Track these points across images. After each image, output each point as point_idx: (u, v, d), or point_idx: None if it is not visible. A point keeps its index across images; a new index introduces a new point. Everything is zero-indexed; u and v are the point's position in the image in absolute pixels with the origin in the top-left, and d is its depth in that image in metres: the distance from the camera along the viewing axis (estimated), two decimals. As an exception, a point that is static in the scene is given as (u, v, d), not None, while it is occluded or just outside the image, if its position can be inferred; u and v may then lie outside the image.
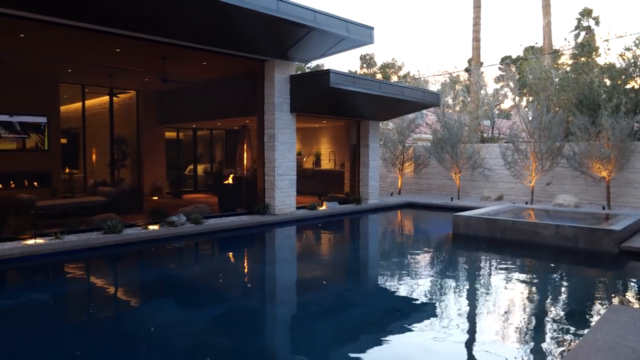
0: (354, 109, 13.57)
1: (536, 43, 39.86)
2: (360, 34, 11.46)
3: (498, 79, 42.08)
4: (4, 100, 12.88)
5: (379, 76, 50.57)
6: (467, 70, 26.87)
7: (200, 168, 19.34)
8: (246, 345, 4.50)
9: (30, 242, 8.14)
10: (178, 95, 15.46)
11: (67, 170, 16.98)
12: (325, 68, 30.67)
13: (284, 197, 11.97)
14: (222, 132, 19.79)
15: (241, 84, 13.11)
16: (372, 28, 11.80)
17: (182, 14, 9.05)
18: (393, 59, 53.48)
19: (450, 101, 25.93)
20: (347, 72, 11.66)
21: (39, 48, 10.64)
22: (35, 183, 13.73)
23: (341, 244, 10.52)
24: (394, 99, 13.06)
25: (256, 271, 7.93)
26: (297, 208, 12.51)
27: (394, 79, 49.56)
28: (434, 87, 30.50)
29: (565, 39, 32.94)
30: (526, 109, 19.90)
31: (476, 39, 23.41)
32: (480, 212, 10.54)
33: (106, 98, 16.22)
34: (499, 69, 45.39)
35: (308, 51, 11.72)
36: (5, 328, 5.02)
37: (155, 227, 9.72)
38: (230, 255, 9.09)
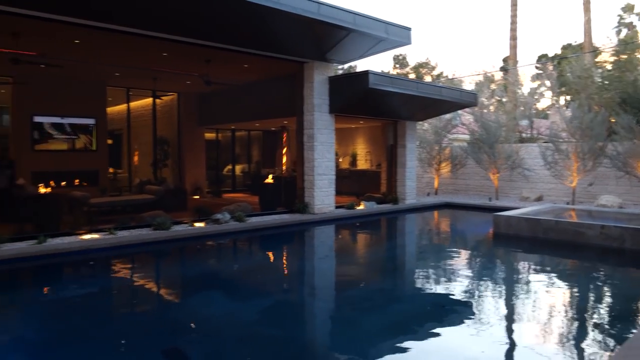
0: (391, 110, 13.66)
1: (575, 41, 38.92)
2: (398, 35, 11.56)
3: (534, 78, 41.19)
4: (56, 103, 13.59)
5: (412, 76, 50.27)
6: (504, 69, 26.48)
7: (238, 168, 19.76)
8: (292, 336, 4.72)
9: (87, 237, 8.58)
10: (218, 97, 15.88)
11: (111, 169, 17.70)
12: (358, 69, 30.82)
13: (323, 196, 12.18)
14: (259, 133, 20.18)
15: (280, 85, 13.39)
16: (409, 29, 11.88)
17: (226, 19, 9.36)
18: (427, 58, 52.95)
19: (485, 101, 25.66)
20: (382, 72, 11.75)
21: (89, 52, 11.12)
22: (84, 182, 14.41)
23: (383, 243, 10.68)
24: (431, 99, 13.09)
25: (301, 267, 8.15)
26: (336, 207, 12.69)
27: (428, 78, 49.18)
28: (469, 87, 30.21)
29: (607, 37, 31.94)
30: (564, 108, 19.56)
31: (513, 38, 23.12)
32: (521, 212, 10.49)
33: (148, 100, 16.85)
34: (536, 67, 44.47)
35: (346, 53, 11.90)
36: (79, 314, 5.38)
37: (201, 224, 10.07)
38: (275, 252, 9.37)
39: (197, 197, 16.03)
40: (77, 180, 14.20)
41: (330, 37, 10.79)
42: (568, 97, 28.34)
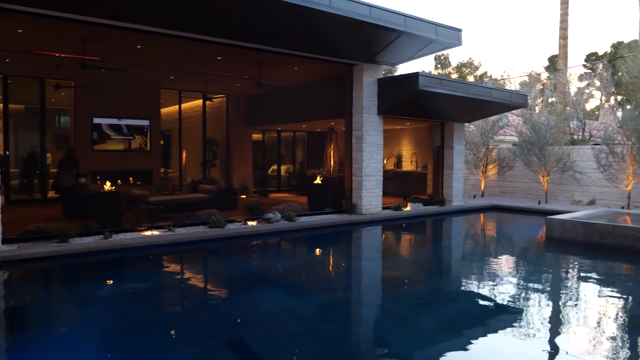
0: (440, 111, 13.62)
1: (628, 38, 37.48)
2: (448, 37, 11.52)
3: (583, 78, 39.85)
4: (114, 105, 14.23)
5: (454, 76, 49.66)
6: (554, 69, 25.81)
7: (283, 168, 20.08)
8: (348, 331, 4.86)
9: (147, 233, 9.00)
10: (266, 99, 16.20)
11: (162, 169, 18.33)
12: (399, 72, 30.66)
13: (370, 197, 12.28)
14: (304, 134, 20.45)
15: (328, 87, 13.58)
16: (459, 30, 11.83)
17: (279, 24, 9.59)
18: (469, 58, 52.12)
19: (531, 102, 25.06)
20: (431, 74, 11.76)
21: (147, 57, 11.61)
22: (138, 181, 15.03)
23: (434, 245, 10.69)
24: (480, 101, 12.98)
25: (353, 267, 8.28)
26: (383, 208, 12.76)
27: (470, 79, 48.44)
28: (513, 87, 29.58)
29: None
30: (614, 109, 18.94)
31: (563, 37, 22.54)
32: (576, 215, 10.29)
33: (197, 102, 17.38)
34: (584, 66, 43.05)
35: (396, 55, 11.96)
36: (149, 306, 5.70)
37: (253, 223, 10.36)
38: (327, 251, 9.55)
39: (244, 196, 16.42)
40: (131, 179, 14.85)
41: (381, 39, 10.88)
42: (619, 97, 27.34)
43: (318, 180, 13.58)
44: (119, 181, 14.60)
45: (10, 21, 8.40)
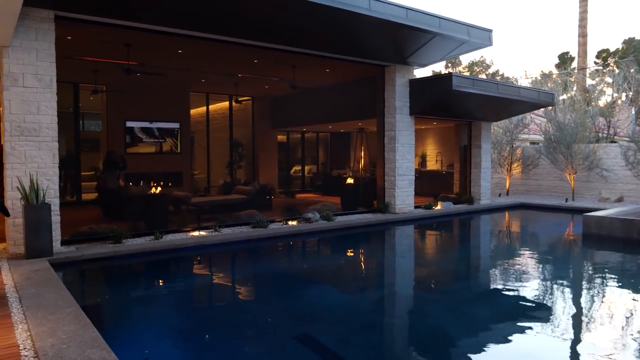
0: (469, 111, 13.78)
1: (642, 35, 37.35)
2: (479, 37, 11.69)
3: (594, 75, 39.85)
4: (145, 108, 14.48)
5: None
6: (566, 66, 25.89)
7: (306, 169, 20.29)
8: (405, 323, 5.05)
9: (194, 233, 9.23)
10: (292, 100, 16.42)
11: (195, 172, 18.57)
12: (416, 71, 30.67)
13: (403, 196, 12.47)
14: (327, 135, 20.65)
15: (361, 88, 13.76)
16: (490, 31, 11.99)
17: (314, 26, 9.77)
18: (481, 56, 52.10)
19: (564, 101, 25.12)
20: (461, 73, 11.88)
21: (181, 60, 11.81)
22: (169, 183, 15.27)
23: (471, 242, 10.89)
24: (509, 100, 13.13)
25: (398, 264, 8.47)
26: (414, 207, 12.93)
27: (482, 77, 48.40)
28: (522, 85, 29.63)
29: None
30: (632, 106, 18.99)
31: (582, 35, 22.59)
32: (613, 212, 10.42)
33: (223, 104, 17.63)
34: (595, 63, 42.93)
35: (428, 56, 12.13)
36: (212, 302, 5.92)
37: (294, 222, 10.57)
38: (370, 249, 9.79)
39: (270, 197, 16.63)
40: (162, 181, 15.10)
41: (415, 41, 11.05)
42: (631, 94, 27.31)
43: (350, 180, 13.77)
44: (152, 183, 14.92)
45: (61, 28, 8.65)
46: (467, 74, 51.52)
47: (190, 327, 5.03)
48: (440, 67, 52.61)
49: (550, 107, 16.40)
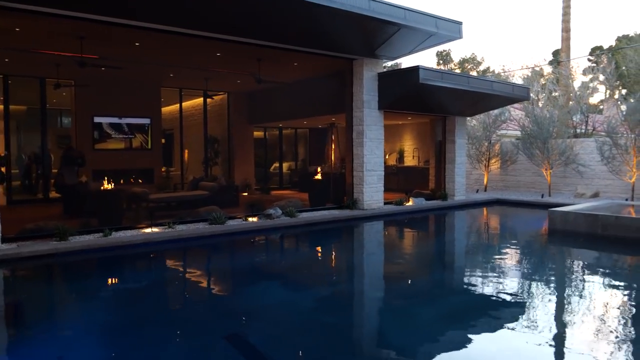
0: (441, 105, 13.54)
1: (635, 32, 37.19)
2: (448, 30, 11.43)
3: (586, 71, 39.64)
4: (114, 104, 14.22)
5: (456, 72, 49.37)
6: (557, 62, 25.63)
7: (285, 165, 20.04)
8: (347, 323, 4.81)
9: (148, 230, 8.98)
10: (267, 96, 16.17)
11: (163, 168, 18.31)
12: (402, 66, 30.45)
13: (372, 192, 12.22)
14: (305, 131, 20.39)
15: (330, 83, 13.53)
16: (460, 23, 11.73)
17: (277, 18, 9.54)
18: (472, 53, 51.89)
19: (533, 96, 24.86)
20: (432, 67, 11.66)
21: (145, 55, 11.57)
22: (139, 179, 15.02)
23: (434, 239, 10.58)
24: (482, 94, 12.89)
25: (352, 261, 8.22)
26: (384, 203, 12.70)
27: (473, 74, 48.18)
28: (518, 81, 29.43)
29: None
30: (618, 101, 18.77)
31: (566, 30, 22.35)
32: (579, 207, 10.19)
33: (199, 100, 17.37)
34: (589, 60, 42.72)
35: (396, 48, 11.88)
36: (144, 302, 5.67)
37: (254, 219, 10.32)
38: (327, 246, 9.50)
39: (246, 194, 16.40)
40: (132, 178, 14.85)
41: (381, 33, 10.81)
42: (624, 91, 27.06)
43: (318, 176, 13.53)
44: (120, 180, 14.66)
45: (6, 19, 8.39)
46: (459, 70, 51.31)
47: (110, 327, 4.78)
48: (432, 64, 52.43)
49: (528, 102, 16.16)
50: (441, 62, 53.11)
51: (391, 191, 15.36)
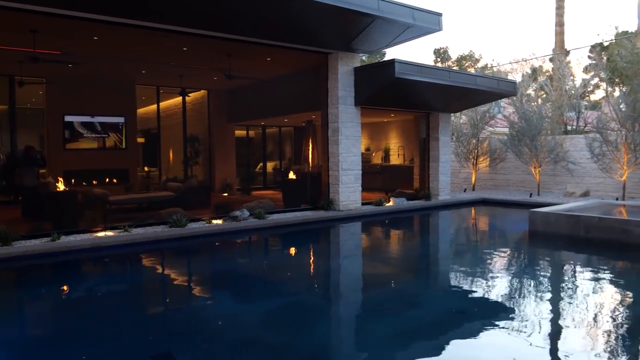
0: (423, 101, 12.98)
1: (635, 30, 36.48)
2: (427, 21, 10.88)
3: (587, 69, 38.94)
4: (86, 102, 13.72)
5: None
6: (551, 57, 24.97)
7: (270, 165, 19.52)
8: (293, 341, 4.27)
9: (101, 234, 8.46)
10: (246, 93, 15.66)
11: (146, 168, 17.83)
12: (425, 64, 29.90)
13: (348, 192, 11.68)
14: (290, 130, 19.86)
15: (306, 78, 12.99)
16: (439, 14, 11.17)
17: (246, 10, 9.02)
18: (470, 50, 51.23)
19: (532, 93, 24.28)
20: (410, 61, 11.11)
21: (110, 50, 11.11)
22: (114, 180, 14.53)
23: (407, 242, 9.98)
24: (465, 89, 12.32)
25: (316, 266, 7.68)
26: (363, 204, 12.16)
27: (472, 71, 47.44)
28: (517, 78, 28.86)
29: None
30: (608, 96, 18.15)
31: (560, 24, 21.72)
32: (562, 208, 9.63)
33: (180, 98, 16.87)
34: (589, 57, 42.03)
35: (372, 41, 11.32)
36: (74, 312, 5.16)
37: (219, 221, 9.80)
38: (291, 250, 8.95)
39: (226, 194, 15.90)
40: (107, 179, 14.36)
41: (354, 25, 10.26)
42: (624, 88, 26.40)
43: (292, 176, 12.99)
44: (94, 181, 14.17)
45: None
46: (456, 68, 50.59)
47: (33, 339, 4.28)
48: (429, 61, 51.73)
49: (516, 98, 15.58)
50: (439, 59, 52.49)
51: (376, 190, 14.86)
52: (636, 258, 7.54)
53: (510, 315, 4.83)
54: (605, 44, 31.53)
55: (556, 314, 4.89)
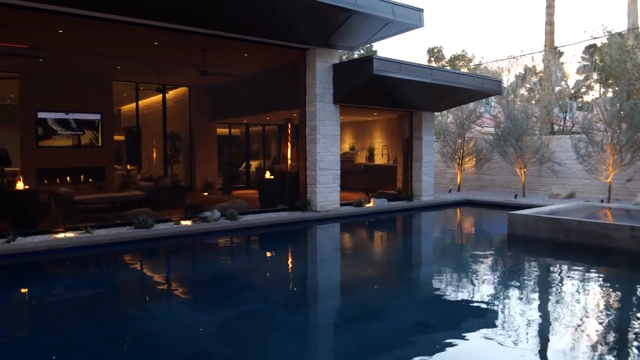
0: (404, 99, 12.65)
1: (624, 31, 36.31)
2: (407, 17, 10.54)
3: (579, 70, 38.70)
4: (61, 99, 13.32)
5: (447, 69, 48.31)
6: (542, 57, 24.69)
7: (253, 164, 19.16)
8: (242, 355, 3.94)
9: (61, 235, 8.09)
10: (227, 90, 15.30)
11: (128, 166, 17.42)
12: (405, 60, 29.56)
13: (326, 192, 11.34)
14: (275, 128, 19.50)
15: (284, 75, 12.64)
16: (421, 10, 10.84)
17: (221, 3, 8.67)
18: (463, 50, 50.98)
19: (525, 93, 23.99)
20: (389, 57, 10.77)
21: (86, 46, 10.76)
22: (90, 178, 14.12)
23: (378, 246, 9.59)
24: (449, 87, 12.00)
25: (279, 271, 7.33)
26: (342, 205, 11.84)
27: (464, 71, 47.14)
28: (508, 77, 28.62)
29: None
30: (603, 98, 17.91)
31: (550, 23, 21.43)
32: (542, 210, 9.31)
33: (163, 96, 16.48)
34: (582, 58, 41.82)
35: (351, 37, 10.98)
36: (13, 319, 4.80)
37: (189, 222, 9.44)
38: (256, 254, 8.61)
39: (206, 193, 15.55)
40: (82, 177, 13.96)
41: (331, 19, 9.93)
42: (617, 88, 26.18)
43: (269, 175, 12.64)
44: (67, 179, 13.76)
45: None
46: (449, 67, 50.30)
47: None
48: (423, 60, 51.38)
49: (502, 97, 15.27)
50: (433, 58, 52.20)
51: (360, 191, 14.56)
52: (615, 263, 7.24)
53: (476, 326, 4.50)
54: (598, 44, 31.28)
55: (524, 324, 4.57)
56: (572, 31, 60.86)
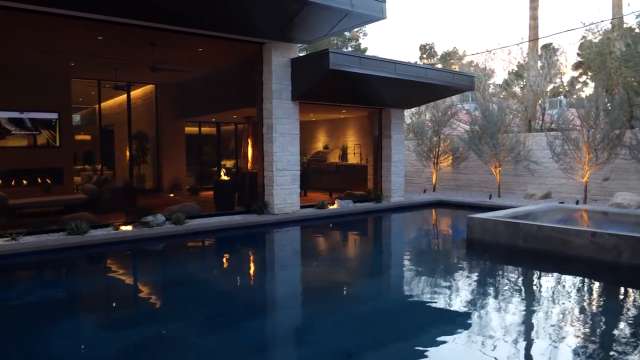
0: (372, 95, 12.06)
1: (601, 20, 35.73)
2: (367, 8, 9.92)
3: (575, 67, 38.00)
4: (15, 97, 12.71)
5: (438, 66, 47.68)
6: (527, 52, 24.07)
7: (227, 164, 18.54)
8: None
9: (-19, 244, 7.51)
10: (193, 87, 14.70)
11: (98, 166, 16.81)
12: (366, 54, 28.98)
13: (284, 194, 10.76)
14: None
15: (243, 72, 12.04)
16: (383, 1, 10.24)
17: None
18: (454, 47, 50.35)
19: (519, 91, 23.35)
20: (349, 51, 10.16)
21: (39, 42, 10.20)
22: (47, 180, 13.52)
23: (329, 252, 8.83)
24: (416, 83, 11.40)
25: (213, 283, 6.73)
26: (304, 207, 11.27)
27: (455, 68, 46.50)
28: (501, 76, 28.05)
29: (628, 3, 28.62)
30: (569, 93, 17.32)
31: (533, 17, 20.80)
32: (503, 213, 8.74)
33: (134, 93, 15.93)
34: (578, 54, 41.12)
35: (309, 30, 10.38)
36: None
37: (129, 227, 8.85)
38: (193, 262, 7.98)
39: (172, 195, 14.97)
40: (39, 179, 13.37)
41: (285, 11, 9.33)
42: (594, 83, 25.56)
43: (224, 177, 12.05)
44: (23, 181, 13.17)
45: None
46: (440, 65, 49.66)
47: None
48: (415, 58, 50.78)
49: (479, 92, 14.68)
50: (425, 56, 51.58)
51: (333, 191, 14.01)
52: (573, 271, 6.67)
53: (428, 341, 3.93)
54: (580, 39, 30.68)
55: (461, 342, 3.99)
56: (562, 27, 60.10)
